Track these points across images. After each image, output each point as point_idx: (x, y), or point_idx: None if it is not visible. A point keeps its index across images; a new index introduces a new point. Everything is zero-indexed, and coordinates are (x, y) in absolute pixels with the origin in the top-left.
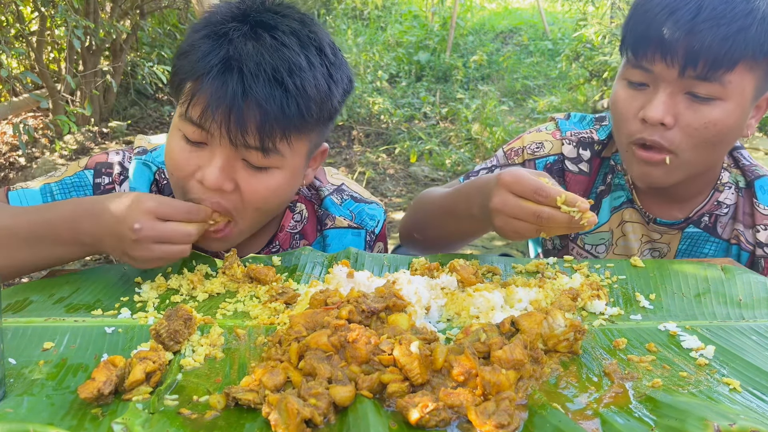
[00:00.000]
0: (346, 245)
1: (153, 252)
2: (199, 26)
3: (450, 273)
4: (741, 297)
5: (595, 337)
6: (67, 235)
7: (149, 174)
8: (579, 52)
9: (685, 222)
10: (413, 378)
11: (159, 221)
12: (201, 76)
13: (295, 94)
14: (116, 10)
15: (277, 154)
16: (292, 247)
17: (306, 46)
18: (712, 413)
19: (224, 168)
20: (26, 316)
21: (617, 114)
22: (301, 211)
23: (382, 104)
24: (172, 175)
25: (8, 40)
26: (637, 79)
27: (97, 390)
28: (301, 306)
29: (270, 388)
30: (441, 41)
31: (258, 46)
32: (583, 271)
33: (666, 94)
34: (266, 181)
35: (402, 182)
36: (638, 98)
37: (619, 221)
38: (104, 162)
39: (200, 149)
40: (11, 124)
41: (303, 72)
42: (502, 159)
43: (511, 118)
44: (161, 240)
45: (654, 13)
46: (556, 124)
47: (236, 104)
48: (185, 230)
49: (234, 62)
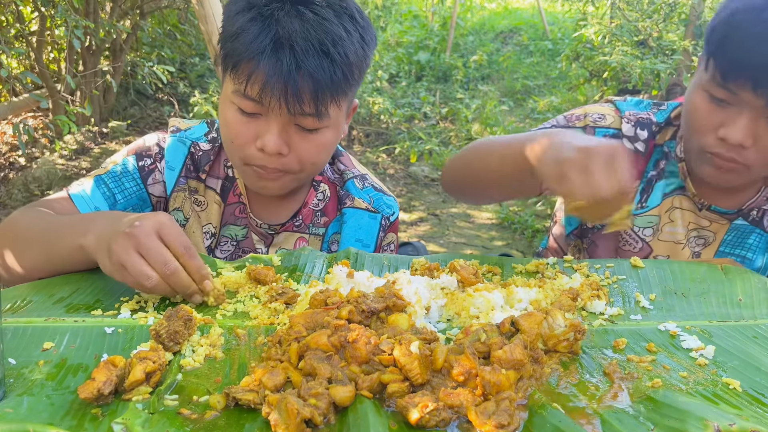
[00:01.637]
0: (362, 225)
1: (127, 256)
2: (240, 7)
3: (450, 273)
4: (741, 297)
5: (595, 337)
6: (81, 228)
7: (184, 149)
8: (579, 52)
9: (737, 213)
10: (413, 378)
11: (156, 236)
12: (255, 56)
13: (340, 63)
14: (116, 10)
15: (328, 117)
16: (313, 223)
17: (340, 16)
18: (712, 413)
19: (281, 134)
20: (26, 316)
21: (695, 124)
22: (324, 191)
23: (382, 104)
24: (232, 143)
25: (8, 40)
26: (720, 96)
27: (97, 390)
28: (301, 306)
29: (270, 388)
30: (441, 41)
31: (303, 23)
32: (583, 271)
33: (749, 119)
34: (317, 140)
35: (402, 182)
36: (719, 114)
37: (668, 207)
38: (143, 146)
39: (257, 119)
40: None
41: (344, 41)
42: (563, 121)
43: (511, 118)
44: (142, 250)
45: (752, 44)
46: (614, 104)
47: (291, 78)
48: (166, 257)
49: (285, 41)
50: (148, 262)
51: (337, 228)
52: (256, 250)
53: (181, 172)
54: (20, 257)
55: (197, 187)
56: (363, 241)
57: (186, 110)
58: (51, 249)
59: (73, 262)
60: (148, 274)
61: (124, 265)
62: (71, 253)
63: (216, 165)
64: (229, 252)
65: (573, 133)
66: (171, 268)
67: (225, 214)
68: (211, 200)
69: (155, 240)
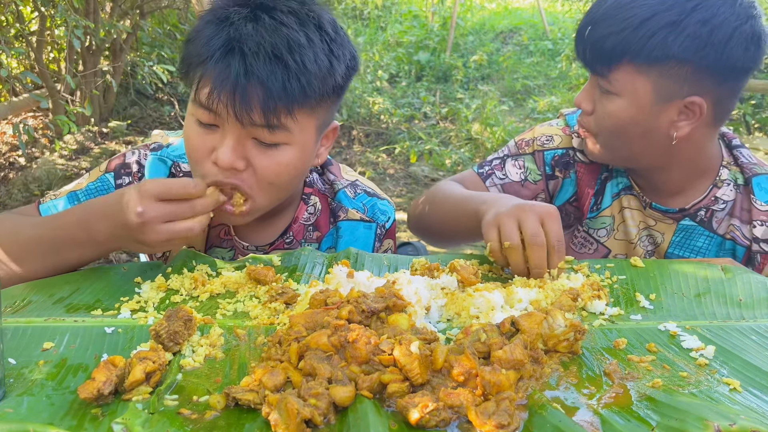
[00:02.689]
0: (358, 237)
1: (161, 233)
2: (205, 14)
3: (450, 273)
4: (741, 297)
5: (595, 337)
6: (83, 236)
7: (165, 168)
8: None
9: (680, 213)
10: (413, 378)
11: (161, 202)
12: (206, 60)
13: (296, 71)
14: (116, 10)
15: (284, 131)
16: (305, 238)
17: (305, 24)
18: (712, 413)
19: (235, 147)
20: (26, 316)
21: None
22: (314, 203)
23: (382, 104)
24: (191, 158)
25: (8, 40)
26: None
27: (97, 390)
28: (301, 306)
29: (270, 388)
30: (441, 41)
31: (257, 27)
32: (583, 271)
33: (588, 85)
34: (277, 157)
35: (402, 182)
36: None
37: (619, 207)
38: (122, 163)
39: (213, 131)
40: (11, 124)
41: (302, 48)
42: (513, 149)
43: (511, 118)
44: (166, 219)
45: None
46: (565, 120)
47: (240, 83)
48: (186, 205)
49: (235, 43)
50: (176, 219)
51: (331, 242)
52: None
53: None
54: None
55: None
56: None
57: (186, 110)
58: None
59: (88, 261)
60: (189, 226)
61: (170, 241)
62: (85, 259)
63: None
64: None
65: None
66: (197, 209)
67: (210, 237)
68: None
69: (164, 204)
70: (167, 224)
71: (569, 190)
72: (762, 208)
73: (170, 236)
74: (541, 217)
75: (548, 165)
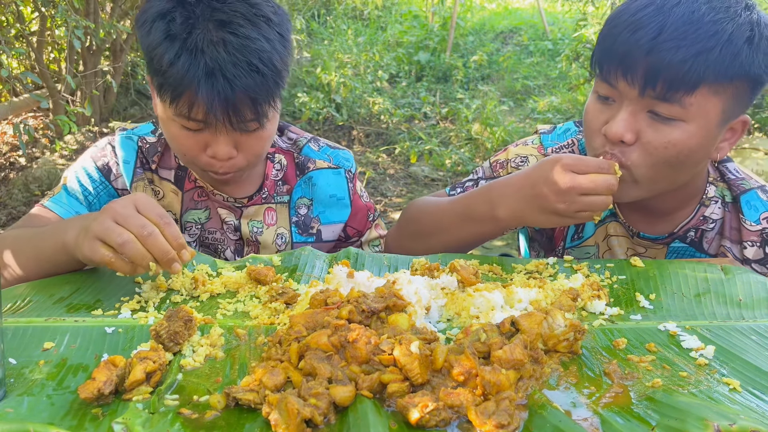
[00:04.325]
0: (330, 184)
1: (104, 226)
2: (159, 39)
3: (450, 273)
4: (741, 297)
5: (595, 337)
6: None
7: (133, 144)
8: (579, 53)
9: (669, 237)
10: (413, 378)
11: (132, 207)
12: (191, 88)
13: (270, 74)
14: (116, 10)
15: (267, 118)
16: (277, 192)
17: (257, 25)
18: (712, 413)
19: (228, 141)
20: (26, 316)
21: (586, 126)
22: (280, 160)
23: (382, 104)
24: (184, 156)
25: (8, 40)
26: (604, 93)
27: (98, 390)
28: (301, 306)
29: (270, 388)
30: (441, 41)
31: (228, 49)
32: (583, 271)
33: (628, 112)
34: (261, 135)
35: (402, 182)
36: (605, 112)
37: (604, 235)
38: (95, 150)
39: (201, 131)
40: (11, 124)
41: (268, 53)
42: (488, 171)
43: (511, 118)
44: (119, 219)
45: (619, 30)
46: (539, 139)
47: (230, 101)
48: (142, 221)
49: (216, 71)
50: (124, 227)
51: (301, 192)
52: (223, 225)
53: (136, 163)
54: (12, 267)
55: (152, 178)
56: (336, 196)
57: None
58: (38, 254)
59: (58, 262)
60: (120, 233)
61: (99, 233)
62: (55, 253)
63: (166, 156)
64: (196, 235)
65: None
66: (148, 230)
67: (184, 201)
68: (167, 190)
69: (132, 209)
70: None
71: None
72: (752, 228)
73: (104, 232)
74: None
75: None
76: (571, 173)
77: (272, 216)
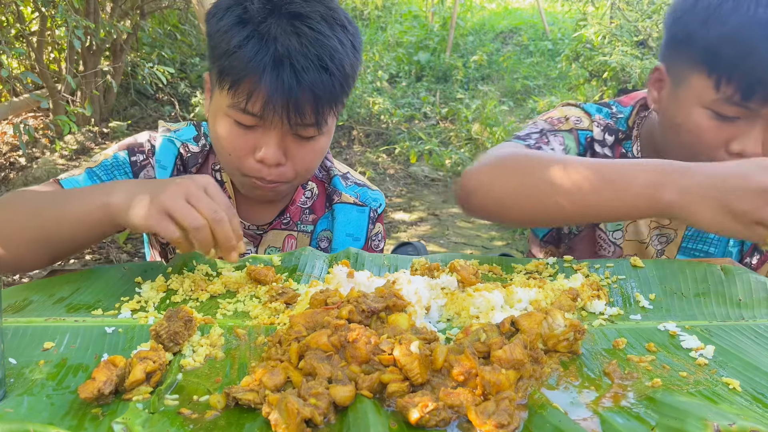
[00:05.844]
0: (352, 220)
1: (176, 202)
2: (231, 23)
3: (450, 273)
4: (741, 297)
5: (594, 337)
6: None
7: (174, 149)
8: (579, 52)
9: None
10: (413, 378)
11: (204, 191)
12: (256, 74)
13: (338, 75)
14: (116, 10)
15: (326, 125)
16: (301, 220)
17: (333, 27)
18: (712, 413)
19: (279, 145)
20: (26, 316)
21: (698, 143)
22: (311, 188)
23: (382, 104)
24: (229, 156)
25: (8, 40)
26: (732, 114)
27: (97, 390)
28: (301, 306)
29: (270, 388)
30: (441, 41)
31: (300, 39)
32: (583, 271)
33: (762, 130)
34: (314, 147)
35: (402, 182)
36: (727, 130)
37: None
38: (134, 143)
39: (253, 131)
40: (11, 124)
41: (339, 54)
42: (547, 125)
43: (511, 118)
44: (192, 199)
45: (763, 52)
46: (582, 108)
47: (293, 94)
48: (215, 206)
49: (284, 58)
50: (197, 209)
51: (326, 225)
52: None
53: (172, 171)
54: (24, 229)
55: None
56: (353, 235)
57: (186, 110)
58: (62, 213)
59: (88, 224)
60: (196, 216)
61: (172, 210)
62: (88, 213)
63: (204, 168)
64: None
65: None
66: (220, 215)
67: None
68: None
69: (203, 192)
70: (184, 203)
71: None
72: None
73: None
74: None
75: (582, 146)
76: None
77: (292, 244)
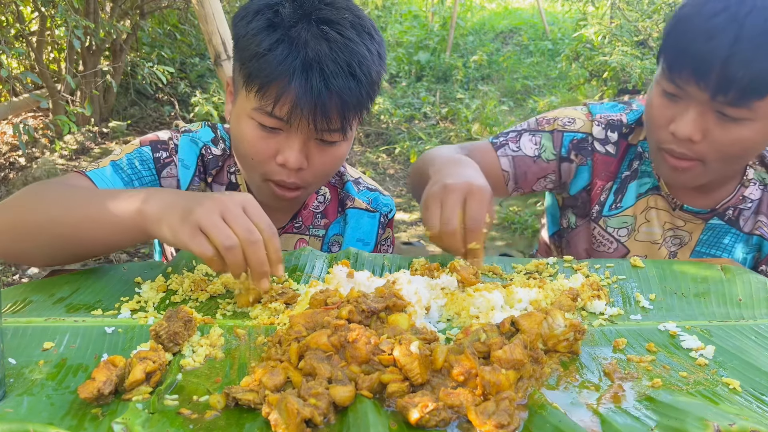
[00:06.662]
0: (362, 225)
1: (210, 218)
2: (261, 26)
3: (450, 273)
4: (741, 297)
5: (594, 337)
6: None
7: (196, 149)
8: (579, 52)
9: (711, 213)
10: (413, 378)
11: (242, 209)
12: (285, 78)
13: (365, 82)
14: (116, 10)
15: (350, 131)
16: (314, 224)
17: (361, 35)
18: (712, 413)
19: (302, 150)
20: (26, 316)
21: (650, 119)
22: (324, 193)
23: (382, 104)
24: (252, 159)
25: (8, 40)
26: (671, 91)
27: (97, 390)
28: (301, 306)
29: (270, 388)
30: (441, 41)
31: (330, 45)
32: (583, 271)
33: (696, 113)
34: (334, 153)
35: (402, 182)
36: (671, 108)
37: (644, 207)
38: (157, 139)
39: (276, 135)
40: (11, 124)
41: (367, 61)
42: (533, 125)
43: (511, 118)
44: (227, 216)
45: (693, 36)
46: (588, 108)
47: (321, 99)
48: (251, 227)
49: (314, 63)
50: (232, 228)
51: (338, 229)
52: None
53: (195, 171)
54: (57, 225)
55: (205, 191)
56: (363, 240)
57: (186, 110)
58: (94, 212)
59: (122, 227)
60: (230, 235)
61: (205, 226)
62: (123, 219)
63: (221, 172)
64: None
65: (463, 170)
66: (255, 237)
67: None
68: None
69: (241, 211)
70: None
71: (585, 177)
72: None
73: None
74: (464, 196)
75: (565, 147)
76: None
77: (303, 247)
